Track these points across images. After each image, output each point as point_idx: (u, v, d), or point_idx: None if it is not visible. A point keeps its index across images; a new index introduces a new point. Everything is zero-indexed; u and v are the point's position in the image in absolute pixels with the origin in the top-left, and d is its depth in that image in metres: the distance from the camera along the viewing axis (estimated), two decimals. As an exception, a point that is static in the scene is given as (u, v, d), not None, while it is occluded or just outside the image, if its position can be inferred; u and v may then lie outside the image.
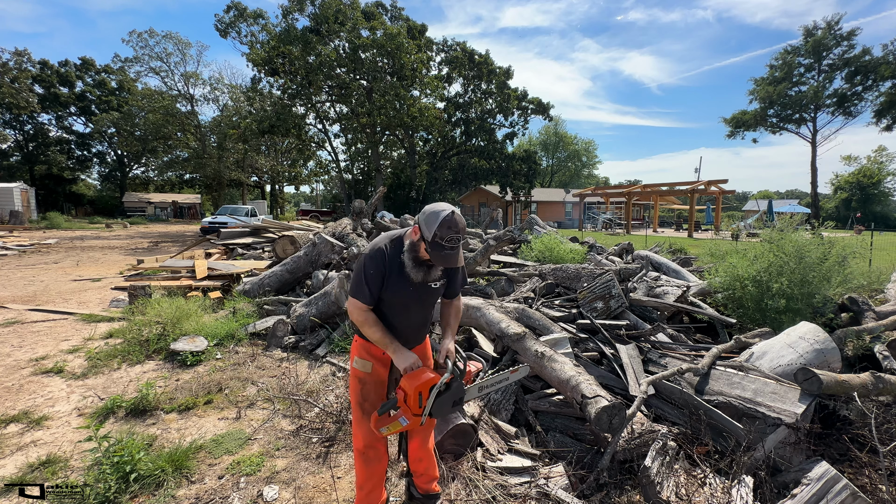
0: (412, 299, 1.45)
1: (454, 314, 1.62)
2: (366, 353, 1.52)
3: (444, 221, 1.27)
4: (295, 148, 30.01)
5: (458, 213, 1.32)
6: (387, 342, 1.43)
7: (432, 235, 1.27)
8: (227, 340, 3.79)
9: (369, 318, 1.43)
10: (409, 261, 1.36)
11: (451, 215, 1.28)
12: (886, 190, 37.93)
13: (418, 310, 1.50)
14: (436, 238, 1.27)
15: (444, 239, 1.27)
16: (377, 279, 1.39)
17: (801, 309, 3.19)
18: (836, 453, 2.10)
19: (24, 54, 30.59)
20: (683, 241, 12.22)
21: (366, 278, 1.40)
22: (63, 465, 2.05)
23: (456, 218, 1.28)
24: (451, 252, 1.29)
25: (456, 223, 1.27)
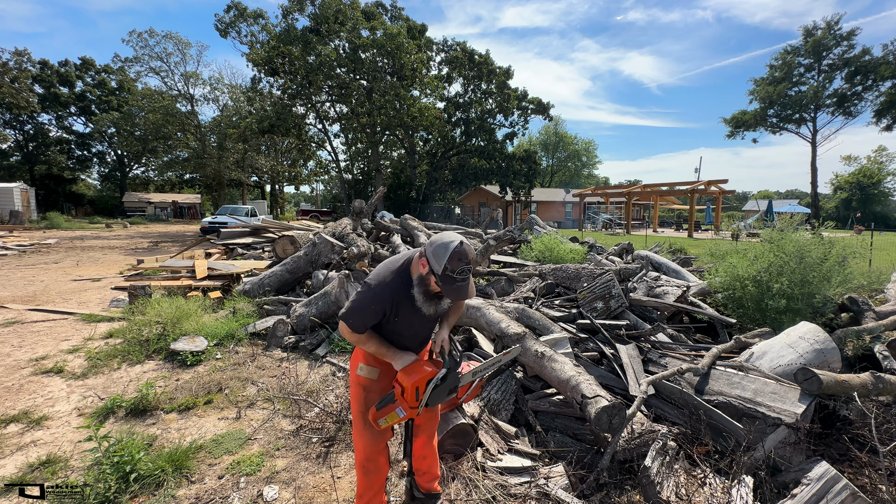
0: (418, 322, 1.44)
1: (454, 310, 1.60)
2: (373, 360, 1.49)
3: (455, 254, 1.22)
4: (295, 148, 30.01)
5: (467, 243, 1.28)
6: (383, 351, 1.42)
7: (442, 269, 1.23)
8: (227, 340, 3.79)
9: (361, 337, 1.41)
10: (420, 295, 1.32)
11: (461, 246, 1.24)
12: (886, 190, 37.94)
13: (423, 330, 1.50)
14: (446, 272, 1.23)
15: (455, 272, 1.23)
16: (377, 315, 1.36)
17: (802, 309, 3.19)
18: (836, 453, 2.10)
19: (24, 54, 30.59)
20: (683, 241, 12.22)
21: (363, 310, 1.35)
22: (63, 465, 2.05)
23: (465, 249, 1.24)
24: (463, 284, 1.25)
25: (466, 254, 1.23)
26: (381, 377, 1.49)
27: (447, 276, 1.24)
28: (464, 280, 1.25)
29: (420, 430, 1.63)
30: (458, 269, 1.23)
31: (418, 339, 1.52)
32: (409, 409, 1.36)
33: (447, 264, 1.23)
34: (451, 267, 1.23)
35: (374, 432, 1.50)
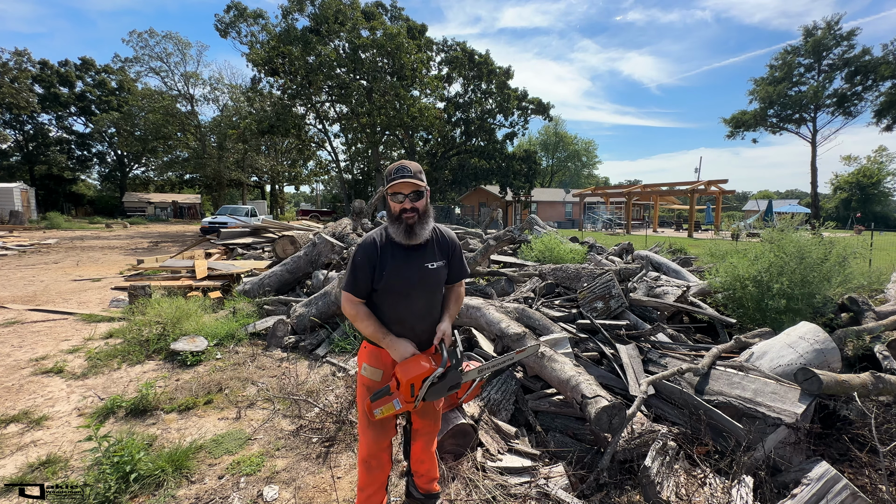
0: (411, 284, 1.43)
1: (454, 298, 1.59)
2: (376, 361, 1.48)
3: (393, 165, 1.42)
4: (295, 148, 30.04)
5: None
6: (380, 336, 1.42)
7: (386, 180, 1.39)
8: (227, 340, 3.79)
9: (360, 311, 1.43)
10: (392, 224, 1.42)
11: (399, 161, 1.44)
12: (886, 190, 37.94)
13: (420, 295, 1.46)
14: (387, 178, 1.39)
15: (391, 173, 1.39)
16: (367, 268, 1.40)
17: (802, 309, 3.19)
18: (836, 453, 2.10)
19: (24, 54, 30.60)
20: (683, 241, 12.21)
21: (355, 268, 1.41)
22: (63, 465, 2.05)
23: (401, 161, 1.41)
24: (402, 180, 1.36)
25: (403, 163, 1.40)
26: (383, 379, 1.48)
27: (389, 180, 1.38)
28: (402, 176, 1.37)
29: (418, 435, 1.62)
30: (395, 169, 1.39)
31: (416, 312, 1.47)
32: (405, 403, 1.35)
33: (387, 174, 1.41)
34: (388, 172, 1.41)
35: (377, 430, 1.48)
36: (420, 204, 1.40)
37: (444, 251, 1.52)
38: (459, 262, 1.58)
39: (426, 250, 1.45)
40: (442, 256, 1.51)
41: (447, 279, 1.56)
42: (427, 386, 1.32)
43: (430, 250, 1.47)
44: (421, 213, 1.41)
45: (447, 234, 1.57)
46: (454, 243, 1.56)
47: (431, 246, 1.48)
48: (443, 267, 1.49)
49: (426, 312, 1.49)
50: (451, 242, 1.55)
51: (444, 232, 1.56)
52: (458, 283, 1.61)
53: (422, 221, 1.41)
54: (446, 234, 1.56)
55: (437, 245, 1.50)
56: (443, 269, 1.49)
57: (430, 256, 1.45)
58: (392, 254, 1.41)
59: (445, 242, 1.54)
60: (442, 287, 1.53)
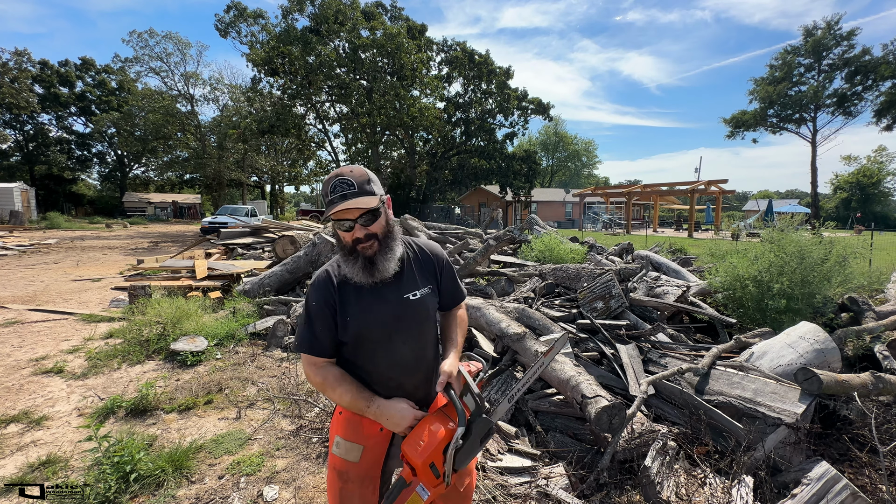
0: (388, 324, 1.05)
1: (455, 326, 1.20)
2: (354, 433, 1.07)
3: (326, 182, 1.01)
4: (295, 148, 30.03)
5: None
6: (363, 404, 1.01)
7: (325, 203, 1.01)
8: (228, 340, 3.79)
9: (329, 375, 1.04)
10: (341, 256, 1.07)
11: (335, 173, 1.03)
12: (886, 190, 37.97)
13: (404, 338, 1.07)
14: (325, 200, 1.01)
15: (326, 195, 1.00)
16: (326, 315, 1.03)
17: (802, 309, 3.19)
18: (837, 453, 2.10)
19: (24, 54, 30.61)
20: (683, 241, 12.22)
21: (310, 317, 1.04)
22: (63, 465, 2.05)
23: (339, 170, 1.03)
24: (336, 197, 0.97)
25: (339, 173, 1.01)
26: (363, 458, 1.06)
27: (326, 203, 1.00)
28: (337, 193, 0.98)
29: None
30: (331, 187, 0.99)
31: (403, 361, 1.08)
32: (434, 488, 0.97)
33: (323, 194, 1.03)
34: (324, 192, 1.02)
35: None
36: (377, 227, 1.02)
37: (427, 272, 1.15)
38: (452, 281, 1.21)
39: (402, 277, 1.09)
40: (426, 280, 1.13)
41: (439, 306, 1.19)
42: (452, 455, 0.95)
43: (408, 276, 1.10)
44: (382, 238, 1.03)
45: (428, 248, 1.19)
46: (440, 258, 1.19)
47: (408, 270, 1.11)
48: (430, 294, 1.12)
49: (417, 358, 1.10)
50: (436, 258, 1.18)
51: (422, 246, 1.18)
52: (456, 307, 1.23)
53: (385, 249, 1.03)
54: (427, 248, 1.18)
55: (417, 266, 1.13)
56: (430, 296, 1.12)
57: (409, 283, 1.09)
58: (356, 290, 1.05)
59: (428, 260, 1.16)
60: (433, 318, 1.16)
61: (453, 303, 1.22)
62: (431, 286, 1.15)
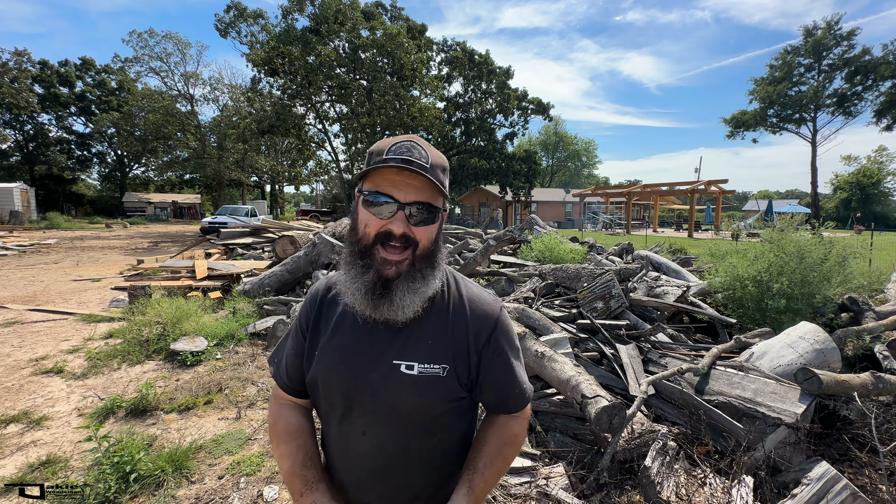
0: (356, 393, 0.70)
1: (493, 447, 0.74)
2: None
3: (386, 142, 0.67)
4: (295, 148, 30.03)
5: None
6: (296, 486, 0.70)
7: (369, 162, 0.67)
8: (227, 340, 3.79)
9: (280, 421, 0.78)
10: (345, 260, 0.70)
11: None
12: (886, 190, 38.00)
13: (370, 422, 0.71)
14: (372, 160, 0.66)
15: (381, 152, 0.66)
16: (298, 336, 0.77)
17: (802, 309, 3.19)
18: (837, 453, 2.10)
19: (24, 54, 30.60)
20: (683, 241, 12.22)
21: (288, 333, 0.83)
22: (63, 465, 2.05)
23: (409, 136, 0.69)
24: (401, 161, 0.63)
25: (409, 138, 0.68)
26: None
27: (371, 161, 0.66)
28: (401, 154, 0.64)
29: None
30: (391, 146, 0.66)
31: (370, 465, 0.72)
32: None
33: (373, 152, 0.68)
34: (377, 150, 0.67)
35: None
36: (424, 235, 0.67)
37: (456, 339, 0.71)
38: (505, 371, 0.74)
39: (410, 332, 0.71)
40: (446, 351, 0.71)
41: (485, 401, 0.76)
42: None
43: (418, 331, 0.71)
44: (418, 257, 0.67)
45: (475, 301, 0.75)
46: (488, 323, 0.73)
47: (424, 322, 0.71)
48: (440, 377, 0.69)
49: (389, 462, 0.72)
50: (482, 322, 0.73)
51: (467, 296, 0.75)
52: (505, 416, 0.77)
53: (415, 276, 0.67)
54: (474, 300, 0.75)
55: (442, 322, 0.72)
56: (441, 380, 0.69)
57: (411, 344, 0.70)
58: (339, 320, 0.74)
59: (465, 320, 0.73)
60: (443, 424, 0.73)
61: (500, 406, 0.75)
62: (450, 366, 0.69)
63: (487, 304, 0.76)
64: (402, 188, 0.65)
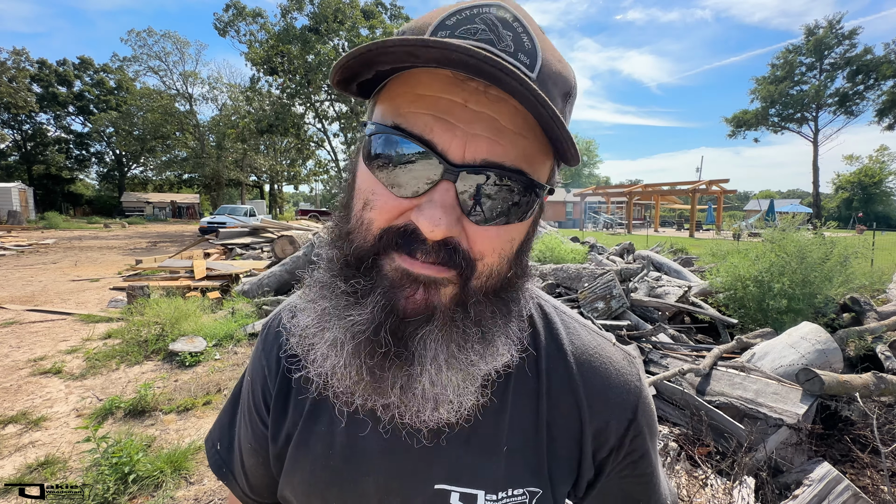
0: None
1: None
2: None
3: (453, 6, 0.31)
4: (294, 147, 30.00)
5: None
6: None
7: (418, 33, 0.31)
8: (226, 341, 3.78)
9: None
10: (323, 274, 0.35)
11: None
12: (888, 189, 38.05)
13: None
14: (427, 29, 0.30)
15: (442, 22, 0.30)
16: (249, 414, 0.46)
17: (803, 309, 3.18)
18: (838, 454, 2.09)
19: (23, 53, 30.56)
20: (685, 241, 12.21)
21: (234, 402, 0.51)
22: (62, 465, 2.04)
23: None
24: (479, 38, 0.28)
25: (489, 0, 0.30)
26: None
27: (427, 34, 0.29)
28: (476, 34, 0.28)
29: None
30: (473, 10, 0.30)
31: None
32: None
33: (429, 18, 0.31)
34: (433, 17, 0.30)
35: None
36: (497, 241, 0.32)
37: (558, 440, 0.40)
38: (648, 482, 0.43)
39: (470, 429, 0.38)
40: (541, 465, 0.39)
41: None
42: None
43: (485, 430, 0.39)
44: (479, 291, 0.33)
45: (589, 355, 0.42)
46: (628, 401, 0.41)
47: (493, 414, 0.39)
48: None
49: None
50: (612, 399, 0.40)
51: (570, 345, 0.42)
52: None
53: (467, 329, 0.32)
54: (584, 354, 0.42)
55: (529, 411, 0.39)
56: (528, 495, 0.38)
57: (472, 458, 0.38)
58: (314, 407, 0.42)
59: (574, 400, 0.40)
60: None
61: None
62: (543, 489, 0.40)
63: (619, 369, 0.42)
64: (462, 125, 0.29)
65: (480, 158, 0.29)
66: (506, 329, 0.35)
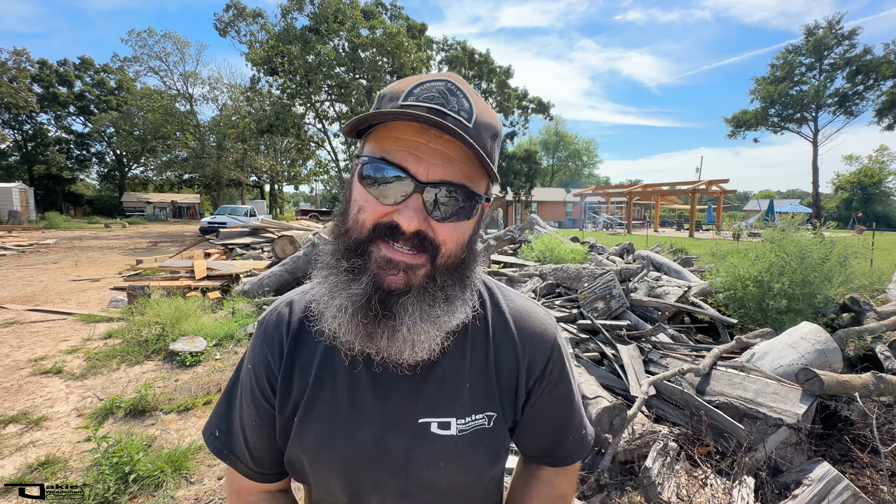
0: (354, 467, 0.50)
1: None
2: None
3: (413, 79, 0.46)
4: (294, 147, 30.01)
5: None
6: None
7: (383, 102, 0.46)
8: (227, 341, 3.78)
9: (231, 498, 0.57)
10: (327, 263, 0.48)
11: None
12: (888, 189, 38.04)
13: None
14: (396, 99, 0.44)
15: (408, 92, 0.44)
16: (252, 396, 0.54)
17: (803, 309, 3.19)
18: (838, 454, 2.09)
19: (23, 54, 30.56)
20: (684, 241, 12.21)
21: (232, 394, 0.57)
22: (62, 465, 2.05)
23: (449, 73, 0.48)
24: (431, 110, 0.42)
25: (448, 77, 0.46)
26: None
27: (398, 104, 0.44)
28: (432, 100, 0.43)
29: None
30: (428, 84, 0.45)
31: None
32: None
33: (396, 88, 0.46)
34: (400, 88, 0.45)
35: None
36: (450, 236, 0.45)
37: (503, 376, 0.54)
38: (564, 405, 0.58)
39: (442, 375, 0.52)
40: (490, 393, 0.54)
41: (527, 448, 0.60)
42: None
43: (453, 375, 0.52)
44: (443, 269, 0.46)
45: (528, 318, 0.57)
46: (548, 344, 0.56)
47: (456, 362, 0.53)
48: (488, 429, 0.53)
49: None
50: (541, 343, 0.56)
51: (508, 308, 0.57)
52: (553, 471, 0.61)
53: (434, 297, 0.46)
54: (525, 317, 0.57)
55: (482, 357, 0.54)
56: (489, 434, 0.53)
57: (446, 396, 0.52)
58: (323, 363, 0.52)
59: (512, 346, 0.55)
60: (488, 482, 0.55)
61: (547, 457, 0.59)
62: (497, 413, 0.53)
63: (540, 321, 0.56)
64: (425, 157, 0.42)
65: (438, 178, 0.43)
66: (462, 295, 0.49)
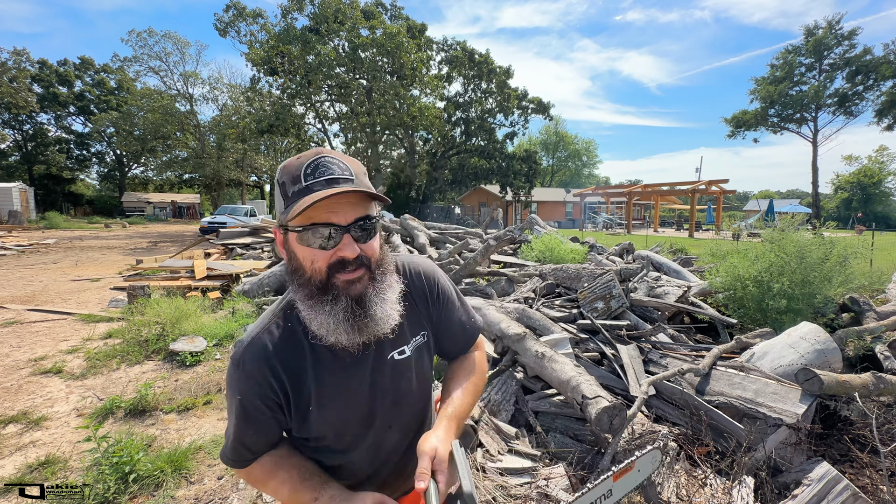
0: (368, 407, 0.72)
1: (462, 377, 0.83)
2: None
3: (294, 162, 0.64)
4: (294, 148, 30.00)
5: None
6: (306, 498, 0.67)
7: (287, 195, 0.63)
8: (227, 341, 3.78)
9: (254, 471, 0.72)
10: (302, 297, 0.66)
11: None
12: (887, 190, 38.01)
13: (391, 421, 0.76)
14: (293, 189, 0.62)
15: (300, 178, 0.62)
16: (266, 415, 0.68)
17: (803, 309, 3.19)
18: (837, 454, 2.09)
19: (23, 54, 30.56)
20: (684, 241, 12.22)
21: (238, 417, 0.68)
22: (62, 465, 2.05)
23: (318, 149, 0.66)
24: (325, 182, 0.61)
25: (318, 152, 0.64)
26: None
27: (293, 193, 0.62)
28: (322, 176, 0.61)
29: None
30: (308, 168, 0.62)
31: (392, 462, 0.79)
32: None
33: (288, 178, 0.63)
34: (291, 175, 0.63)
35: None
36: (371, 248, 0.67)
37: (419, 309, 0.79)
38: (456, 311, 0.84)
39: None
40: (417, 322, 0.78)
41: (443, 353, 0.86)
42: None
43: (402, 320, 0.73)
44: (374, 268, 0.67)
45: (416, 268, 0.81)
46: (433, 280, 0.81)
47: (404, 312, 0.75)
48: (424, 344, 0.79)
49: (411, 444, 0.79)
50: (429, 281, 0.81)
51: (410, 268, 0.80)
52: (470, 350, 0.88)
53: (381, 286, 0.68)
54: (415, 268, 0.81)
55: (407, 301, 0.75)
56: (425, 347, 0.79)
57: (398, 335, 0.72)
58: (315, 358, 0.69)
59: (419, 288, 0.79)
60: (431, 378, 0.83)
61: (462, 346, 0.86)
62: (426, 331, 0.79)
63: (424, 267, 0.84)
64: (340, 210, 0.62)
65: (353, 219, 0.63)
66: (391, 277, 0.71)
